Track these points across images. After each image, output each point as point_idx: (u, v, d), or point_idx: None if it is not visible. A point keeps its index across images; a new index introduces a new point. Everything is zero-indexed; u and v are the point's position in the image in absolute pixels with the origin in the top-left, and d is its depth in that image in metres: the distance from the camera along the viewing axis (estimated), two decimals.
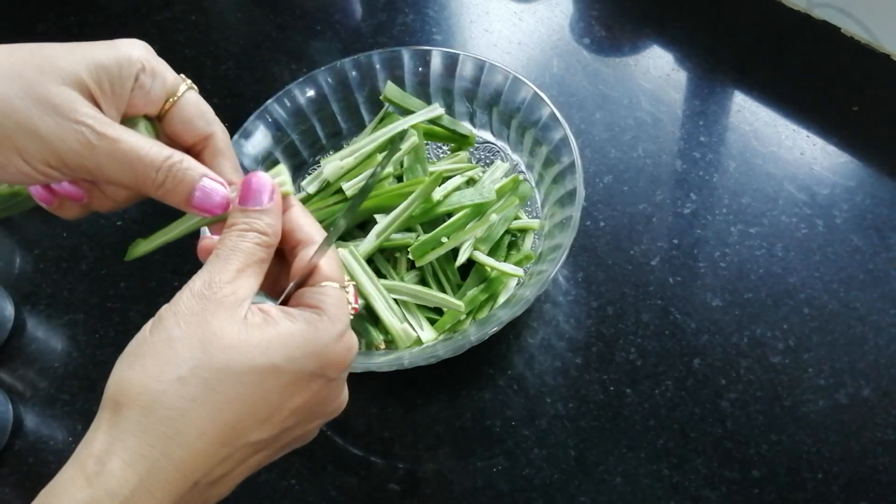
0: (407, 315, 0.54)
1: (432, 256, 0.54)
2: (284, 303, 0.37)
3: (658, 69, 0.70)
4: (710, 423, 0.54)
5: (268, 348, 0.33)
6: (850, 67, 0.68)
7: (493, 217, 0.55)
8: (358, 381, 0.57)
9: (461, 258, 0.54)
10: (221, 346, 0.32)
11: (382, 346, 0.53)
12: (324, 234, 0.38)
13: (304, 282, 0.37)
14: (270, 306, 0.35)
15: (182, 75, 0.40)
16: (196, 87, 0.40)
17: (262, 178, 0.37)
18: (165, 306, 0.34)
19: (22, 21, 0.81)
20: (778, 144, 0.65)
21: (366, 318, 0.54)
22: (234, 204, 0.38)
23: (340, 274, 0.37)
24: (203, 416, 0.31)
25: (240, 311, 0.33)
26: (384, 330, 0.53)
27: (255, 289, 0.35)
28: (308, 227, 0.38)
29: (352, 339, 0.36)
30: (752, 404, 0.54)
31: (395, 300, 0.54)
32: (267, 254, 0.36)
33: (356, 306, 0.38)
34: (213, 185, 0.38)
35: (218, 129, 0.40)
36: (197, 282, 0.34)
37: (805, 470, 0.51)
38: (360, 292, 0.53)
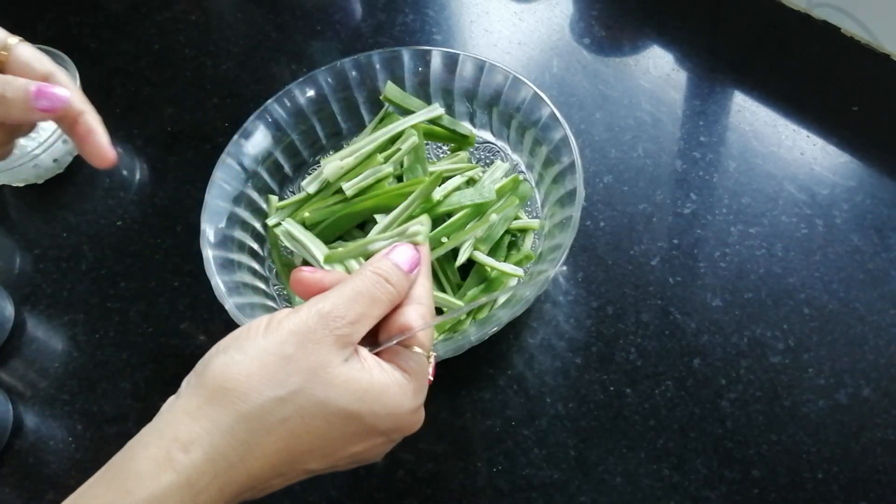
0: None
1: (433, 256, 0.54)
2: (378, 353, 0.39)
3: (658, 69, 0.70)
4: (710, 423, 0.54)
5: (362, 398, 0.36)
6: (850, 67, 0.68)
7: (494, 217, 0.55)
8: None
9: (461, 258, 0.54)
10: (325, 382, 0.35)
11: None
12: (430, 296, 0.41)
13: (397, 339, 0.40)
14: (367, 353, 0.38)
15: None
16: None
17: (412, 253, 0.41)
18: (287, 312, 0.37)
19: (22, 21, 0.81)
20: (778, 144, 0.65)
21: None
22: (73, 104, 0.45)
23: (430, 345, 0.40)
24: (284, 437, 0.34)
25: (346, 352, 0.36)
26: None
27: (362, 335, 0.38)
28: (420, 287, 0.41)
29: (422, 413, 0.40)
30: (752, 404, 0.54)
31: None
32: (387, 310, 0.39)
33: (431, 378, 0.41)
34: (47, 85, 0.44)
35: (55, 69, 0.46)
36: (326, 306, 0.36)
37: (805, 470, 0.51)
38: None
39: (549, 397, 0.56)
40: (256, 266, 0.58)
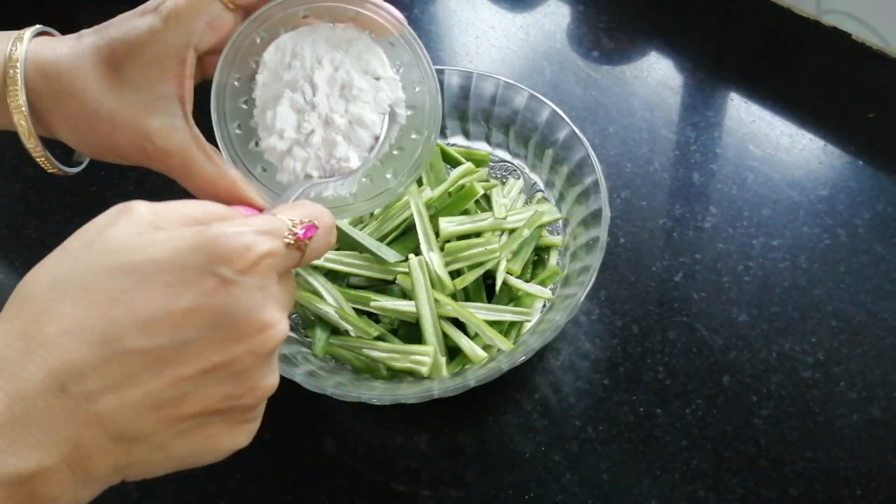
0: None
1: (470, 278, 0.53)
2: None
3: (670, 80, 0.70)
4: (744, 441, 0.53)
5: (149, 247, 0.29)
6: (863, 74, 0.67)
7: (525, 232, 0.54)
8: (380, 410, 0.56)
9: (498, 282, 0.53)
10: (102, 250, 0.29)
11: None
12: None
13: None
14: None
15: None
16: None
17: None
18: None
19: (61, 12, 0.79)
20: (796, 155, 0.64)
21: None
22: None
23: (301, 215, 0.34)
24: (67, 313, 0.28)
25: (142, 227, 0.31)
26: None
27: (179, 215, 0.32)
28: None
29: (254, 239, 0.30)
30: (785, 420, 0.53)
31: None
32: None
33: (299, 234, 0.32)
34: None
35: None
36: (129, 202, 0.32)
37: (843, 487, 0.51)
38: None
39: (578, 420, 0.55)
40: None
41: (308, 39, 0.41)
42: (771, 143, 0.65)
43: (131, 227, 0.30)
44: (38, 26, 0.42)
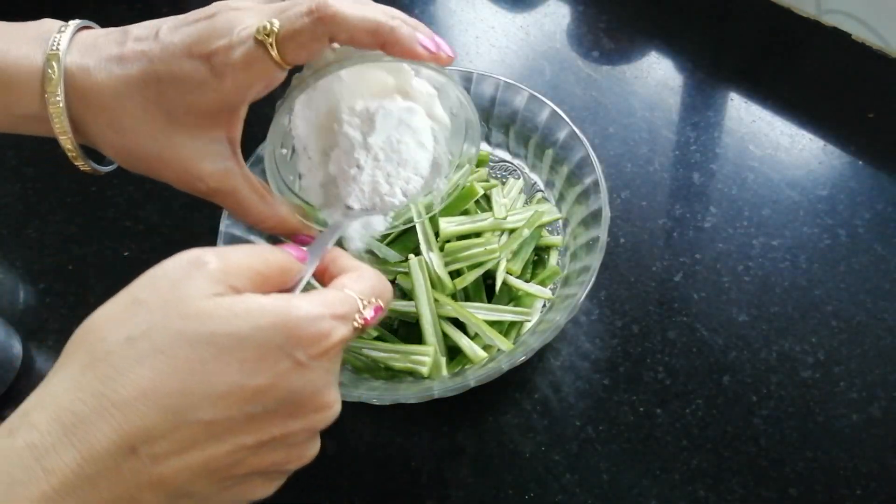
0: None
1: (470, 278, 0.53)
2: None
3: (670, 80, 0.70)
4: (744, 441, 0.53)
5: (230, 318, 0.30)
6: (863, 74, 0.67)
7: (525, 232, 0.54)
8: (380, 410, 0.56)
9: (498, 282, 0.53)
10: (182, 314, 0.29)
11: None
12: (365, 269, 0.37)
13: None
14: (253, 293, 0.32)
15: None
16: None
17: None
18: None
19: (59, 15, 0.79)
20: (796, 155, 0.64)
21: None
22: None
23: (368, 290, 0.35)
24: (146, 377, 0.28)
25: (215, 287, 0.30)
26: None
27: (247, 270, 0.32)
28: (344, 259, 0.38)
29: (332, 326, 0.31)
30: (785, 420, 0.53)
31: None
32: (278, 272, 0.34)
33: (368, 318, 0.34)
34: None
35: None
36: (196, 251, 0.32)
37: (843, 487, 0.51)
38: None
39: (579, 420, 0.55)
40: None
41: (362, 83, 0.42)
42: (771, 143, 0.65)
43: (207, 286, 0.30)
44: (78, 21, 0.41)
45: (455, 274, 0.55)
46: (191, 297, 0.30)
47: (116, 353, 0.29)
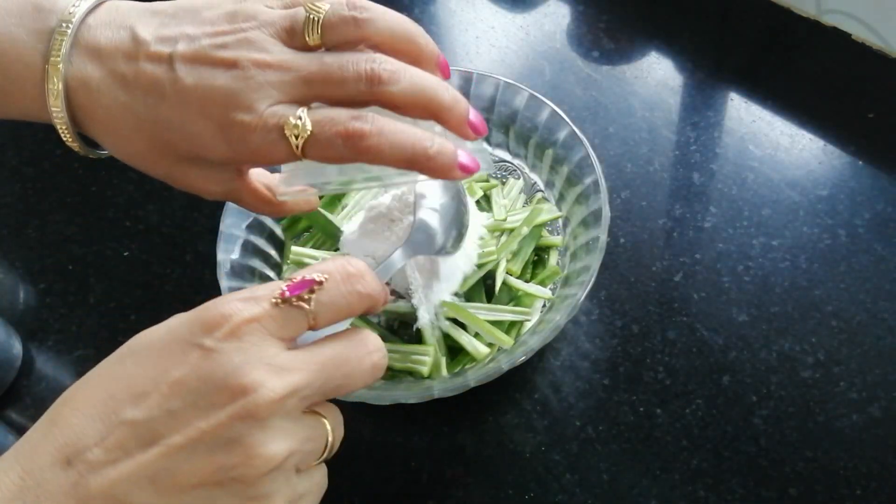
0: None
1: (471, 281, 0.53)
2: None
3: (670, 80, 0.70)
4: (744, 441, 0.53)
5: (154, 329, 0.31)
6: (863, 74, 0.67)
7: (524, 230, 0.54)
8: (380, 410, 0.56)
9: (498, 282, 0.53)
10: (126, 346, 0.32)
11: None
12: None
13: None
14: None
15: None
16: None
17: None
18: None
19: None
20: (796, 155, 0.64)
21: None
22: None
23: (303, 272, 0.33)
24: (80, 394, 0.30)
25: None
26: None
27: None
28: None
29: (236, 307, 0.31)
30: (785, 421, 0.53)
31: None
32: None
33: (286, 293, 0.32)
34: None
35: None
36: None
37: (843, 486, 0.51)
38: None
39: (578, 420, 0.55)
40: None
41: None
42: (771, 143, 0.65)
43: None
44: (83, 11, 0.37)
45: None
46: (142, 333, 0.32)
47: (71, 389, 0.31)
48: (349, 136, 0.35)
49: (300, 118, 0.35)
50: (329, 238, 0.58)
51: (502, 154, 0.62)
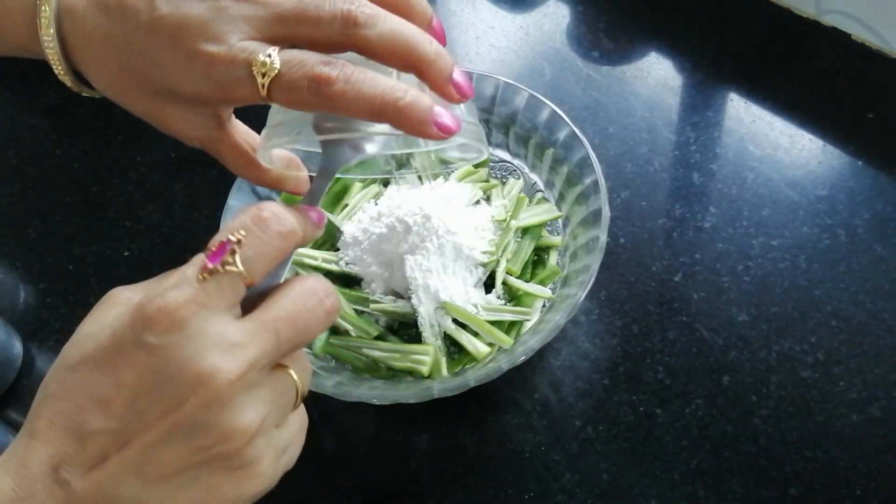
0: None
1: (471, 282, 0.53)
2: None
3: (670, 80, 0.70)
4: (744, 441, 0.53)
5: (97, 333, 0.31)
6: (862, 74, 0.67)
7: (513, 223, 0.55)
8: (380, 410, 0.56)
9: (498, 282, 0.53)
10: (72, 346, 0.32)
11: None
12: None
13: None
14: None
15: None
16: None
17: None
18: None
19: None
20: (795, 155, 0.64)
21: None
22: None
23: (219, 235, 0.32)
24: (49, 406, 0.31)
25: (108, 310, 0.32)
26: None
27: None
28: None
29: (165, 299, 0.30)
30: (785, 420, 0.53)
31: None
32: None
33: (209, 264, 0.31)
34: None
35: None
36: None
37: (842, 486, 0.51)
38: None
39: (578, 420, 0.55)
40: None
41: None
42: (770, 143, 0.65)
43: (101, 314, 0.32)
44: None
45: None
46: (81, 329, 0.32)
47: (39, 395, 0.31)
48: (314, 80, 0.33)
49: (269, 56, 0.34)
50: (329, 238, 0.58)
51: (502, 154, 0.62)
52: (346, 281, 0.57)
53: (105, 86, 0.38)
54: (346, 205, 0.60)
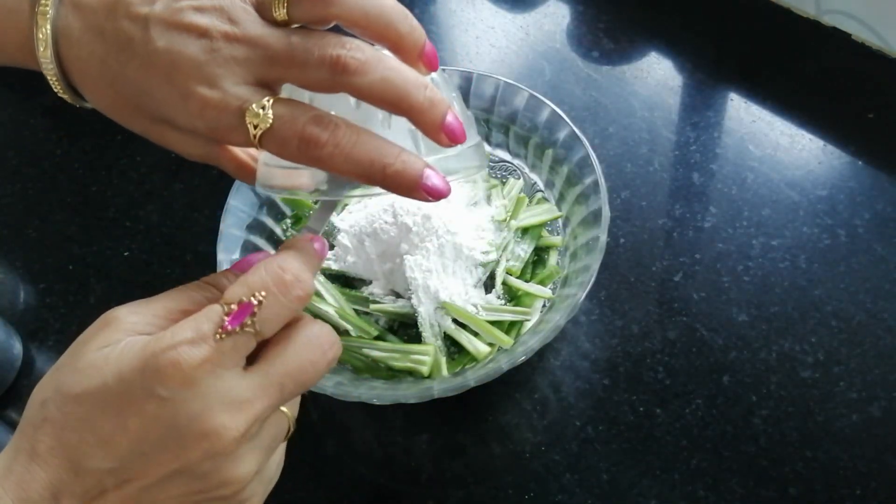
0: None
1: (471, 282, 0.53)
2: None
3: (670, 80, 0.70)
4: (744, 441, 0.53)
5: (103, 367, 0.31)
6: (863, 74, 0.67)
7: (513, 223, 0.55)
8: (380, 410, 0.56)
9: (498, 282, 0.53)
10: (74, 370, 0.31)
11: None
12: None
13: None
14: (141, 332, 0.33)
15: None
16: None
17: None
18: None
19: None
20: (795, 155, 0.64)
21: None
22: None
23: (238, 291, 0.32)
24: (50, 433, 0.31)
25: (116, 336, 0.32)
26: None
27: (163, 311, 0.33)
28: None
29: (179, 355, 0.30)
30: (785, 420, 0.53)
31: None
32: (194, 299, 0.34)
33: (228, 326, 0.31)
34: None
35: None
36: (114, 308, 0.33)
37: (843, 486, 0.51)
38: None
39: (578, 420, 0.55)
40: None
41: None
42: (770, 143, 0.65)
43: (105, 338, 0.32)
44: None
45: None
46: (83, 353, 0.31)
47: (36, 415, 0.31)
48: (304, 141, 0.33)
49: (263, 107, 0.33)
50: (328, 237, 0.58)
51: (502, 154, 0.62)
52: (346, 281, 0.57)
53: (103, 107, 0.38)
54: (346, 204, 0.60)
